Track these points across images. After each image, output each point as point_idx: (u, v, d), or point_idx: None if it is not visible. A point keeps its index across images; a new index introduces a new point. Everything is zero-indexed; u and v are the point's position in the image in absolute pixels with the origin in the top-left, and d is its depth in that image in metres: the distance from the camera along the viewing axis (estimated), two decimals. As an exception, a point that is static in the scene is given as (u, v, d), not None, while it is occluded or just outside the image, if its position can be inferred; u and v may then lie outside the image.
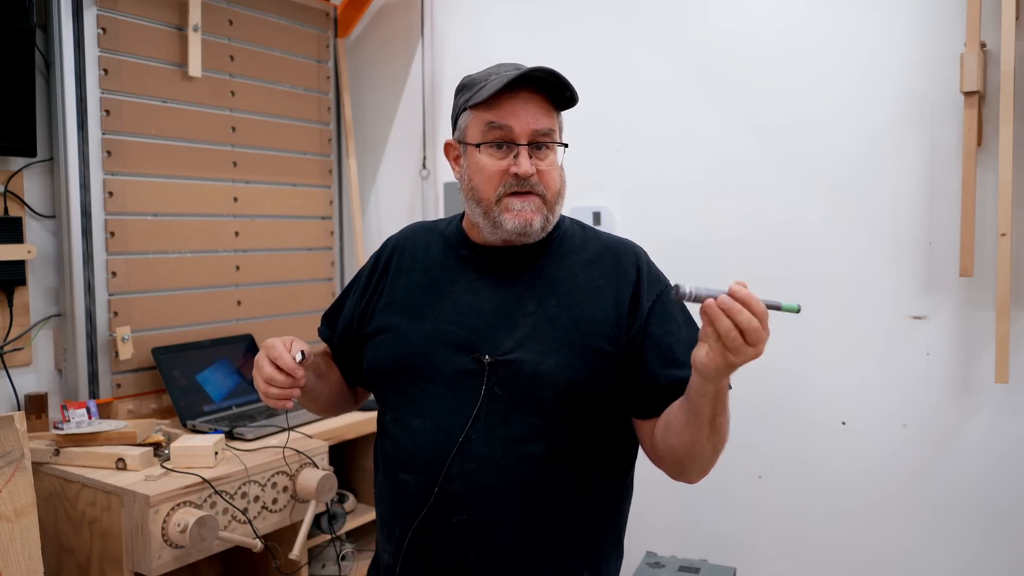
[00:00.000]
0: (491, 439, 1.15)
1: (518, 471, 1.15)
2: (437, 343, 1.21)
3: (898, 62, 1.97)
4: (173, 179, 2.28)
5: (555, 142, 1.21)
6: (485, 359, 1.17)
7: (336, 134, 2.79)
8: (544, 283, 1.22)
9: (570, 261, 1.25)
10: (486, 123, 1.18)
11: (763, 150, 2.15)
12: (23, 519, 1.35)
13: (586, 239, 1.29)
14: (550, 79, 1.18)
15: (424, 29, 2.67)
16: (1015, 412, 1.87)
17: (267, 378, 1.17)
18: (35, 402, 1.95)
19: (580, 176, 2.40)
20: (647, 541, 2.32)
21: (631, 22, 2.32)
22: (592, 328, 1.18)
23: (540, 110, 1.19)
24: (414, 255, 1.32)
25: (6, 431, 1.37)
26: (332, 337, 1.40)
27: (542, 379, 1.15)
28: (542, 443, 1.16)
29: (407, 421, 1.22)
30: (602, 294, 1.21)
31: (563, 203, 1.24)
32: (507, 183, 1.18)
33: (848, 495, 2.07)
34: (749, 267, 2.16)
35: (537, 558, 1.16)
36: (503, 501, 1.15)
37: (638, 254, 1.28)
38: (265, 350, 1.19)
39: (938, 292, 1.94)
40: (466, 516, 1.15)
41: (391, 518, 1.23)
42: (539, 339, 1.17)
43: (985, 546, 1.91)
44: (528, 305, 1.20)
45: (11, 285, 1.95)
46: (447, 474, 1.15)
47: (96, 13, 2.07)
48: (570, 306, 1.20)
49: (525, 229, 1.18)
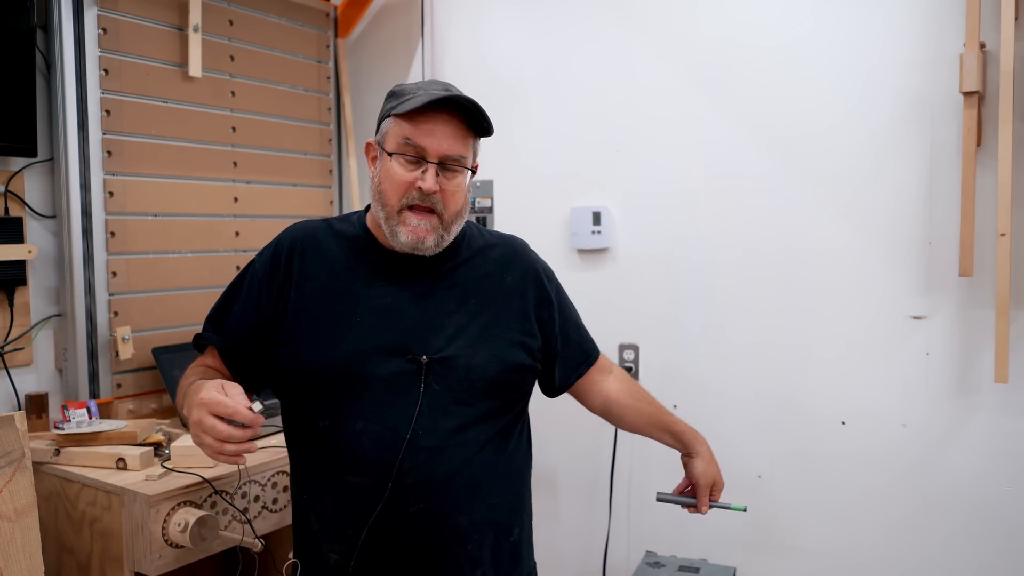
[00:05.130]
0: (436, 431, 1.25)
1: (461, 455, 1.27)
2: (368, 348, 1.26)
3: (898, 62, 1.97)
4: (173, 179, 2.28)
5: (463, 167, 1.29)
6: (423, 359, 1.26)
7: (336, 134, 2.79)
8: (459, 283, 1.34)
9: (477, 261, 1.38)
10: (403, 137, 1.25)
11: (763, 151, 2.15)
12: (23, 519, 1.35)
13: (484, 239, 1.43)
14: (468, 106, 1.25)
15: (424, 29, 2.68)
16: (1015, 412, 1.87)
17: (224, 437, 1.11)
18: (35, 402, 1.95)
19: (580, 176, 2.42)
20: (647, 541, 2.32)
21: (631, 23, 2.32)
22: (510, 322, 1.35)
23: (455, 135, 1.26)
24: (318, 258, 1.33)
25: (6, 431, 1.37)
26: (223, 343, 1.38)
27: (475, 372, 1.28)
28: (478, 427, 1.29)
29: (348, 425, 1.25)
30: (512, 289, 1.39)
31: (462, 221, 1.33)
32: (411, 195, 1.26)
33: (848, 495, 2.07)
34: (749, 267, 2.17)
35: (481, 525, 1.30)
36: (452, 484, 1.26)
37: (528, 249, 1.48)
38: (206, 407, 1.11)
39: (938, 292, 1.95)
40: (422, 504, 1.24)
41: (338, 520, 1.27)
42: (466, 336, 1.30)
43: (984, 546, 1.91)
44: (449, 305, 1.32)
45: (11, 285, 1.95)
46: (400, 469, 1.22)
47: (96, 13, 2.07)
48: (486, 303, 1.34)
49: (417, 245, 1.27)
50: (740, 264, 2.18)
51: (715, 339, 2.23)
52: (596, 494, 2.39)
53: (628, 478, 2.33)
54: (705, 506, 1.48)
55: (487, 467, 1.30)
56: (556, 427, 2.35)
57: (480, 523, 1.29)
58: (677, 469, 1.56)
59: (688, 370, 2.25)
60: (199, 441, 1.14)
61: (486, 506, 1.30)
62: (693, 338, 2.25)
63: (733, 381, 2.20)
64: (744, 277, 2.18)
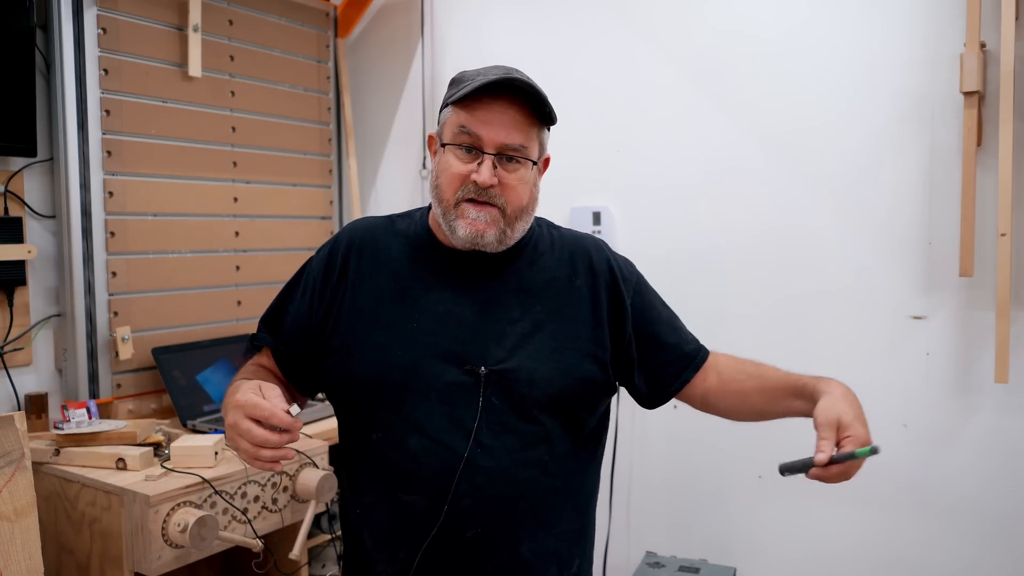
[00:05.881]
0: (495, 450, 1.14)
1: (524, 477, 1.16)
2: (423, 355, 1.16)
3: (898, 63, 1.97)
4: (173, 179, 2.28)
5: (525, 158, 1.17)
6: (480, 370, 1.15)
7: (336, 134, 2.79)
8: (524, 288, 1.22)
9: (545, 263, 1.25)
10: (458, 126, 1.15)
11: (763, 151, 2.15)
12: (23, 519, 1.35)
13: (553, 239, 1.29)
14: (528, 91, 1.13)
15: (424, 29, 2.67)
16: (1015, 412, 1.87)
17: (260, 441, 1.03)
18: (35, 402, 1.95)
19: (580, 176, 2.42)
20: (647, 541, 2.32)
21: (631, 23, 2.32)
22: (578, 332, 1.21)
23: (515, 123, 1.15)
24: (375, 257, 1.24)
25: (6, 431, 1.37)
26: (277, 345, 1.28)
27: (538, 386, 1.16)
28: (542, 447, 1.17)
29: (403, 440, 1.15)
30: (582, 296, 1.24)
31: (529, 219, 1.21)
32: (467, 188, 1.15)
33: (848, 495, 2.06)
34: (750, 267, 2.17)
35: (544, 555, 1.18)
36: (514, 509, 1.16)
37: (603, 248, 1.31)
38: (242, 410, 1.04)
39: (938, 292, 1.95)
40: (480, 529, 1.14)
41: (392, 540, 1.18)
42: (529, 347, 1.18)
43: (985, 546, 1.91)
44: (513, 312, 1.20)
45: (11, 285, 1.95)
46: (456, 490, 1.12)
47: (96, 13, 2.07)
48: (554, 310, 1.21)
49: (476, 240, 1.15)
50: (740, 264, 2.18)
51: (715, 338, 2.21)
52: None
53: (628, 478, 2.33)
54: (824, 453, 1.04)
55: (553, 492, 1.19)
56: (556, 427, 2.35)
57: (543, 554, 1.19)
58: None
59: (688, 370, 2.25)
60: (234, 445, 1.06)
61: (550, 536, 1.19)
62: (693, 338, 2.25)
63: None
64: (744, 277, 2.18)
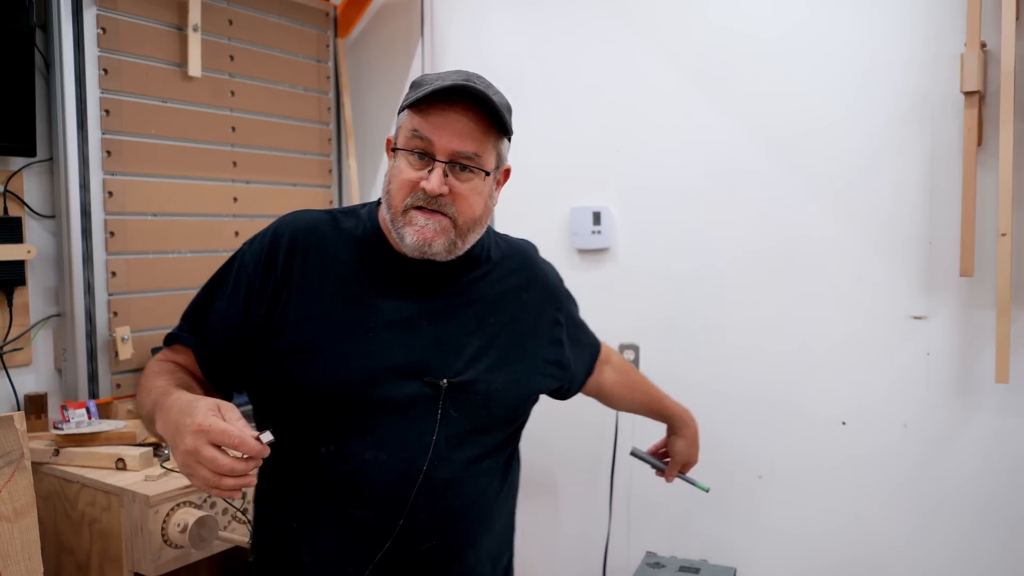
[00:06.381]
0: (452, 463, 1.13)
1: (477, 487, 1.17)
2: (381, 367, 1.11)
3: (898, 62, 1.97)
4: (173, 179, 2.28)
5: (478, 167, 1.12)
6: (442, 383, 1.12)
7: (336, 134, 2.79)
8: (477, 299, 1.21)
9: (497, 275, 1.25)
10: (411, 130, 1.11)
11: (763, 150, 2.14)
12: (23, 519, 1.35)
13: (501, 247, 1.30)
14: (483, 99, 1.08)
15: (424, 29, 2.67)
16: (1015, 412, 1.87)
17: (227, 471, 0.91)
18: (35, 402, 1.95)
19: (580, 176, 2.42)
20: (647, 541, 2.32)
21: (631, 23, 2.32)
22: (527, 345, 1.24)
23: (469, 131, 1.10)
24: (322, 259, 1.16)
25: (6, 431, 1.37)
26: (200, 345, 1.18)
27: (494, 398, 1.17)
28: (492, 457, 1.20)
29: (357, 454, 1.10)
30: (530, 309, 1.27)
31: (481, 230, 1.18)
32: (416, 195, 1.10)
33: (848, 495, 2.07)
34: (750, 266, 2.16)
35: (484, 558, 1.22)
36: (466, 518, 1.17)
37: (536, 252, 1.37)
38: (205, 436, 0.91)
39: (938, 292, 1.94)
40: (435, 542, 1.14)
41: (337, 556, 1.13)
42: (486, 358, 1.18)
43: (985, 546, 1.91)
44: (469, 323, 1.19)
45: (11, 285, 1.95)
46: (414, 504, 1.10)
47: (96, 13, 2.07)
48: (507, 323, 1.22)
49: (424, 248, 1.11)
50: (741, 264, 2.18)
51: (715, 339, 2.23)
52: (596, 494, 2.39)
53: (628, 478, 2.33)
54: (672, 476, 1.58)
55: (494, 497, 1.21)
56: (556, 428, 2.35)
57: (483, 556, 1.21)
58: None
59: (688, 370, 2.25)
60: (190, 472, 0.94)
61: (489, 536, 1.22)
62: (693, 338, 2.25)
63: (733, 381, 2.20)
64: (745, 277, 2.18)
